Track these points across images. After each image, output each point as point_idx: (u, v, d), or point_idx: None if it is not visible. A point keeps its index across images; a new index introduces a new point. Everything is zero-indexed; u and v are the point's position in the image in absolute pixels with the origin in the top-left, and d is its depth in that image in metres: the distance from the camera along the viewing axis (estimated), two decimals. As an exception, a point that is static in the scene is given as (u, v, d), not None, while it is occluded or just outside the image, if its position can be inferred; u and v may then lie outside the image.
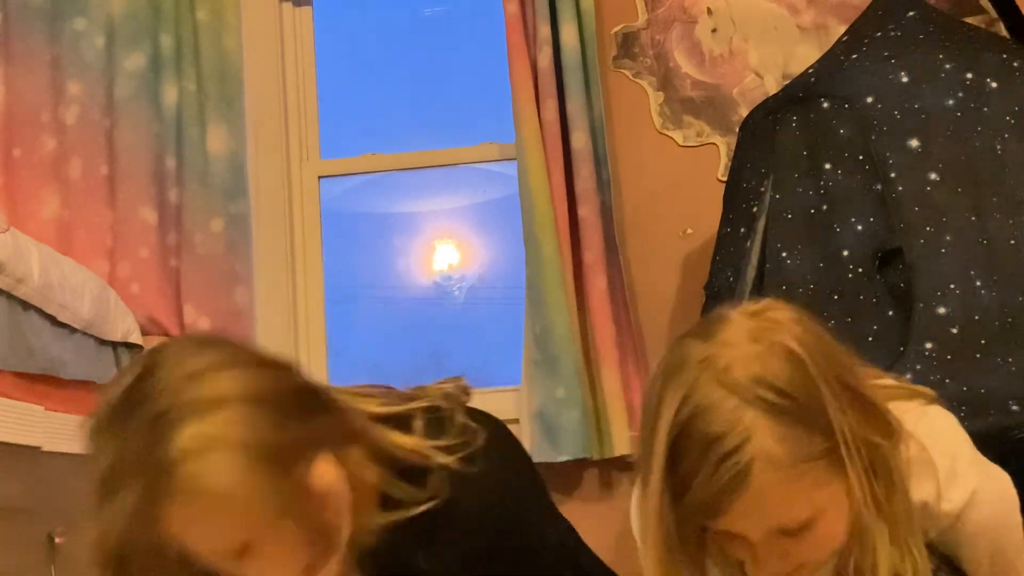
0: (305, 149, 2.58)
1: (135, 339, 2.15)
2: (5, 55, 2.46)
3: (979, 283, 1.56)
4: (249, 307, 2.38)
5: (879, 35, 1.83)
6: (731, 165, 2.00)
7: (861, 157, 1.69)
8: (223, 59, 2.45)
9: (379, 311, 3.01)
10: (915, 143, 1.67)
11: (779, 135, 1.78)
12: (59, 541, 1.66)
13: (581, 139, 2.27)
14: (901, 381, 1.18)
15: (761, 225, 1.77)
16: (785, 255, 1.70)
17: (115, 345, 2.09)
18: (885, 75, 1.73)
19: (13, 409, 1.62)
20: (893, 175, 1.66)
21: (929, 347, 1.53)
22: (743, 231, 1.82)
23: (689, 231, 2.33)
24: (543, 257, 2.23)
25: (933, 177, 1.64)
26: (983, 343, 1.53)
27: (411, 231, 2.95)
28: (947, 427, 1.12)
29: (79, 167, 2.41)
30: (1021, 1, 2.05)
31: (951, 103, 1.68)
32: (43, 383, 1.79)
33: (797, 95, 1.82)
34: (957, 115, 1.67)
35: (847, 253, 1.65)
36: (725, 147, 2.35)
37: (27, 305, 1.74)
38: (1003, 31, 2.08)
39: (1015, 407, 1.47)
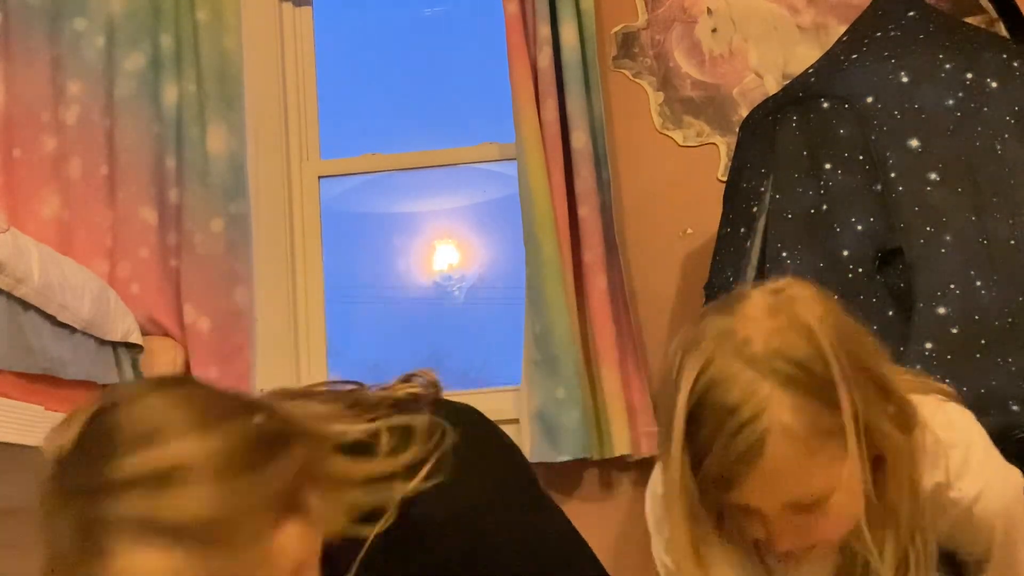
0: (305, 149, 2.58)
1: (135, 339, 2.15)
2: (5, 55, 2.45)
3: (979, 283, 1.56)
4: (249, 307, 2.38)
5: (879, 35, 1.82)
6: (731, 165, 2.00)
7: (861, 157, 1.69)
8: (223, 59, 2.45)
9: (379, 311, 3.01)
10: (915, 143, 1.67)
11: (779, 135, 1.78)
12: (59, 541, 1.65)
13: (581, 139, 2.27)
14: (921, 377, 1.19)
15: (761, 225, 1.76)
16: (785, 255, 1.70)
17: (115, 345, 2.09)
18: (885, 75, 1.73)
19: (13, 409, 1.62)
20: (893, 175, 1.65)
21: (929, 347, 1.53)
22: (743, 231, 1.81)
23: (689, 231, 2.33)
24: (543, 257, 2.23)
25: (933, 177, 1.64)
26: (983, 343, 1.53)
27: (411, 231, 2.95)
28: (962, 420, 1.13)
29: (79, 167, 2.41)
30: (1021, 1, 2.05)
31: (951, 103, 1.68)
32: (43, 383, 1.79)
33: (797, 95, 1.82)
34: (957, 115, 1.67)
35: (847, 253, 1.65)
36: (725, 147, 2.35)
37: (27, 305, 1.73)
38: (1003, 31, 2.07)
39: (1015, 407, 1.47)
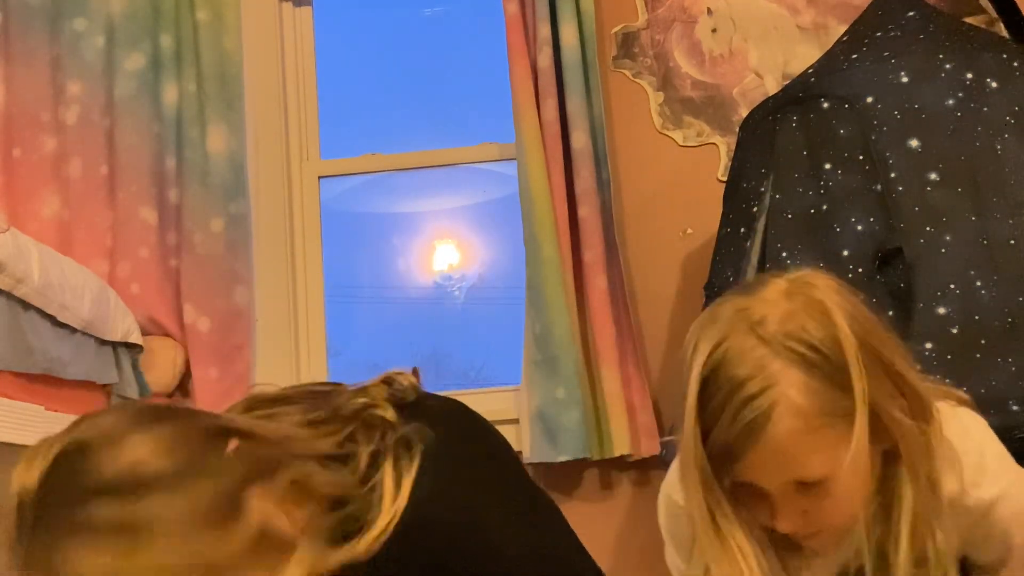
0: (305, 149, 2.58)
1: (135, 339, 2.15)
2: (5, 55, 2.45)
3: (979, 283, 1.56)
4: (249, 307, 2.38)
5: (879, 35, 1.82)
6: (731, 165, 2.00)
7: (861, 157, 1.69)
8: (223, 59, 2.45)
9: (379, 311, 3.01)
10: (915, 143, 1.67)
11: (779, 135, 1.78)
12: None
13: (581, 139, 2.27)
14: (935, 381, 1.19)
15: (761, 225, 1.76)
16: (785, 255, 1.69)
17: (115, 345, 2.09)
18: (885, 75, 1.73)
19: (13, 409, 1.62)
20: (893, 175, 1.65)
21: (929, 347, 1.53)
22: (743, 231, 1.81)
23: (689, 231, 2.33)
24: (543, 257, 2.23)
25: (933, 177, 1.64)
26: (983, 343, 1.53)
27: (411, 231, 2.95)
28: (976, 427, 1.14)
29: (79, 167, 2.41)
30: (1021, 1, 2.05)
31: (951, 103, 1.68)
32: (43, 383, 1.79)
33: (797, 95, 1.82)
34: (957, 115, 1.67)
35: (847, 253, 1.65)
36: (725, 147, 2.35)
37: (27, 305, 1.73)
38: (1003, 31, 2.07)
39: (1015, 407, 1.47)
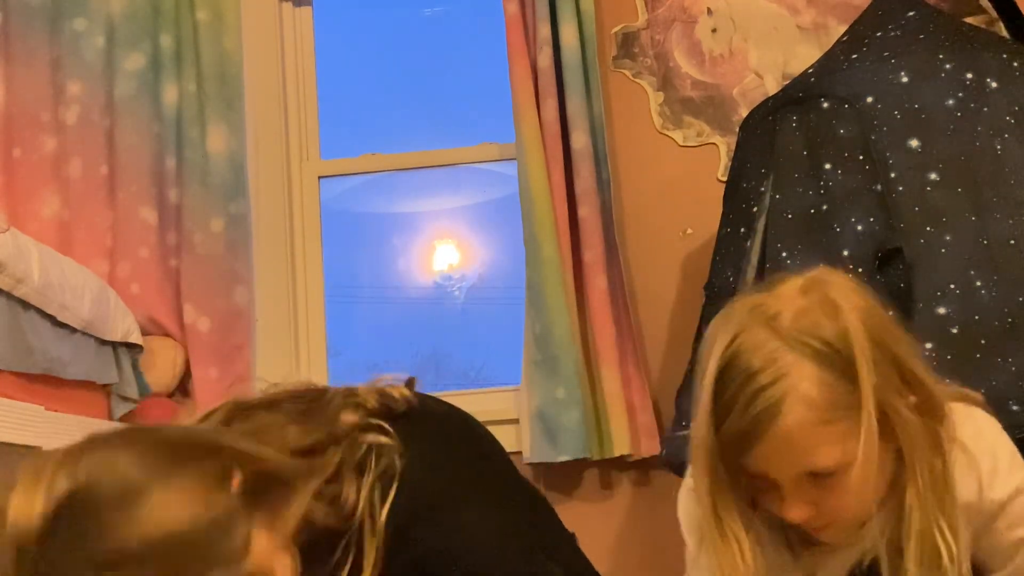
0: (305, 149, 2.58)
1: (135, 339, 2.15)
2: (5, 55, 2.45)
3: (979, 283, 1.56)
4: (249, 307, 2.38)
5: (879, 35, 1.82)
6: (731, 165, 2.00)
7: (861, 157, 1.69)
8: (223, 59, 2.45)
9: (379, 311, 3.01)
10: (915, 143, 1.67)
11: (779, 135, 1.78)
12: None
13: (581, 139, 2.27)
14: (953, 386, 1.20)
15: (761, 225, 1.76)
16: (785, 255, 1.69)
17: (115, 345, 2.09)
18: (885, 75, 1.73)
19: (13, 409, 1.62)
20: (893, 175, 1.65)
21: (929, 347, 1.53)
22: (743, 231, 1.81)
23: (689, 231, 2.33)
24: (543, 257, 2.23)
25: (933, 177, 1.64)
26: (983, 343, 1.53)
27: (411, 231, 2.94)
28: (990, 429, 1.16)
29: (79, 167, 2.41)
30: (1021, 1, 2.05)
31: (951, 103, 1.68)
32: (43, 383, 1.79)
33: (797, 95, 1.82)
34: (957, 115, 1.67)
35: (847, 253, 1.65)
36: (725, 147, 2.35)
37: (27, 305, 1.73)
38: (1003, 31, 2.07)
39: (1015, 407, 1.47)
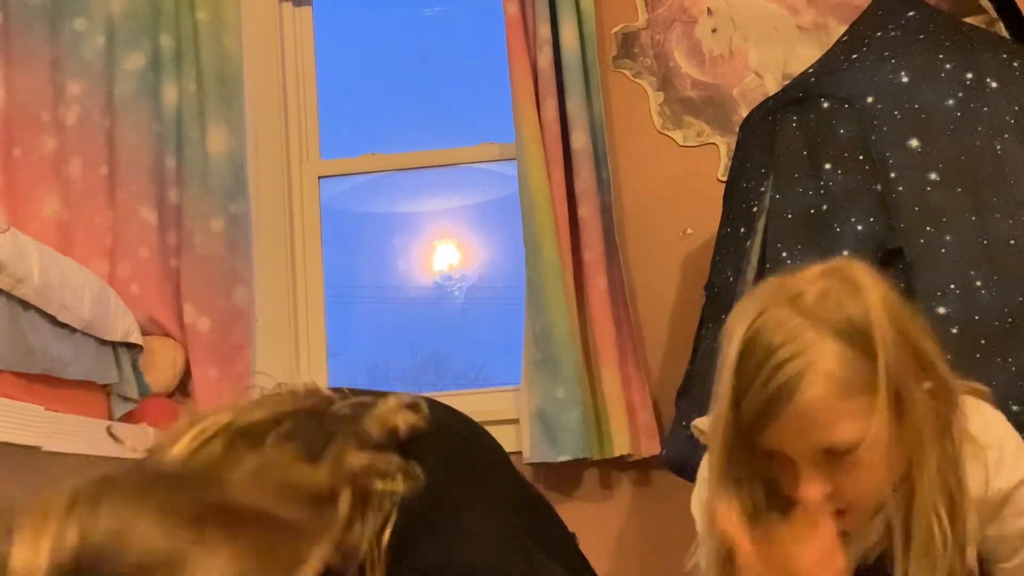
0: (305, 149, 2.58)
1: (135, 339, 2.15)
2: (5, 55, 2.46)
3: (979, 283, 1.56)
4: (249, 307, 2.38)
5: (879, 35, 1.82)
6: (731, 165, 2.00)
7: (861, 157, 1.68)
8: (223, 59, 2.45)
9: (379, 311, 3.01)
10: (915, 143, 1.67)
11: (779, 135, 1.78)
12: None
13: (581, 139, 2.27)
14: (959, 378, 1.21)
15: (761, 225, 1.76)
16: (785, 255, 1.69)
17: (115, 345, 2.09)
18: (885, 75, 1.73)
19: (13, 409, 1.62)
20: (893, 175, 1.65)
21: (929, 347, 1.53)
22: (743, 231, 1.81)
23: (689, 231, 2.33)
24: (543, 257, 2.23)
25: (933, 177, 1.64)
26: (983, 343, 1.53)
27: (411, 231, 2.94)
28: (997, 422, 1.19)
29: (79, 167, 2.41)
30: (1021, 1, 2.04)
31: (951, 103, 1.68)
32: (43, 383, 1.79)
33: (797, 95, 1.82)
34: (957, 115, 1.67)
35: (847, 253, 1.64)
36: (725, 147, 2.35)
37: (27, 305, 1.73)
38: (1003, 31, 2.07)
39: (1015, 407, 1.47)
